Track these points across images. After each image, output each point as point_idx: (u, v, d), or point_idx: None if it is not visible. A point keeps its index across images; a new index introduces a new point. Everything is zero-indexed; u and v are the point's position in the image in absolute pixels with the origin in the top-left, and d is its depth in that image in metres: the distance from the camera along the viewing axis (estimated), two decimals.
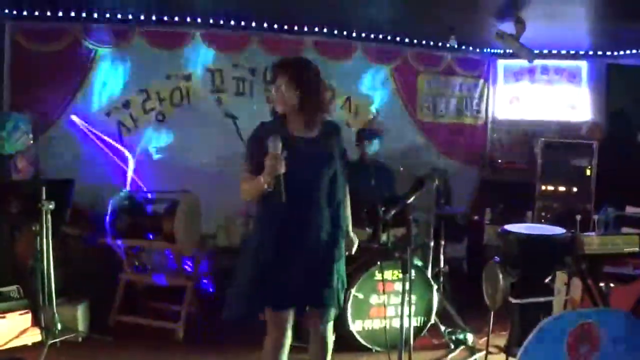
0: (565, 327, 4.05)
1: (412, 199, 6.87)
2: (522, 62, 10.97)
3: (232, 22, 9.60)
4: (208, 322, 7.82)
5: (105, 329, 7.41)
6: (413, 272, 6.19)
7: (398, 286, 6.80)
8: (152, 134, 9.45)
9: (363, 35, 10.44)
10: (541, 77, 11.52)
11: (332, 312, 5.09)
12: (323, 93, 5.18)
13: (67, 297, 7.23)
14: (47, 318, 6.63)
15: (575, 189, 10.15)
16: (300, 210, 4.80)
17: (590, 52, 11.21)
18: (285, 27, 9.88)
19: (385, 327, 6.86)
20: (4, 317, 6.70)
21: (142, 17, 9.16)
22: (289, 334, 4.96)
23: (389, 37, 10.64)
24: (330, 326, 5.19)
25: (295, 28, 9.95)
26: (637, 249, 5.72)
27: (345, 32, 10.28)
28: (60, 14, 8.82)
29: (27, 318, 6.87)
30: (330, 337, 5.24)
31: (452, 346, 7.23)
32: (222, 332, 7.39)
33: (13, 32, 8.73)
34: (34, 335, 6.80)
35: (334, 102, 10.33)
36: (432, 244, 7.79)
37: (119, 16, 9.07)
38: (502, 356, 6.67)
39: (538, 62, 10.95)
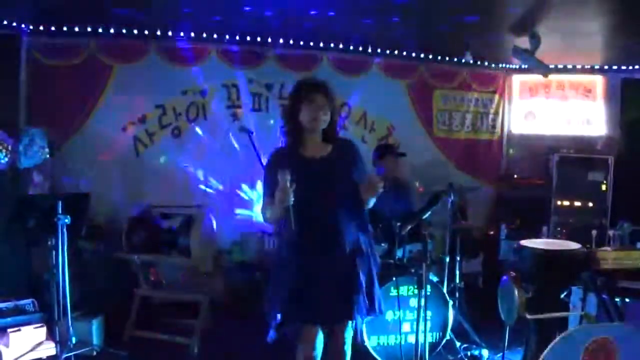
0: (581, 343, 4.04)
1: (427, 214, 6.89)
2: (538, 77, 10.93)
3: (248, 38, 9.63)
4: (223, 338, 7.83)
5: (119, 344, 7.41)
6: (428, 287, 6.19)
7: (414, 302, 6.79)
8: (168, 149, 9.46)
9: (379, 51, 10.45)
10: (556, 92, 11.50)
11: (352, 324, 5.21)
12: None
13: (82, 311, 7.26)
14: (61, 332, 6.63)
15: (590, 204, 10.13)
16: (319, 229, 4.93)
17: (605, 67, 11.18)
18: (301, 42, 9.90)
19: (400, 342, 6.85)
20: (19, 330, 6.72)
21: (158, 33, 9.20)
22: (319, 348, 5.11)
23: (404, 53, 10.65)
24: (349, 341, 5.28)
25: (311, 44, 9.96)
26: None
27: (361, 48, 10.30)
28: (77, 29, 8.87)
29: (42, 331, 6.89)
30: (349, 352, 5.31)
31: None
32: (237, 348, 7.40)
33: (29, 48, 8.77)
34: (49, 349, 6.81)
35: (348, 117, 10.37)
36: (447, 259, 7.78)
37: (135, 32, 9.11)
38: None
39: (553, 77, 10.93)
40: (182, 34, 9.32)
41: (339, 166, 5.05)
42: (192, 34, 9.37)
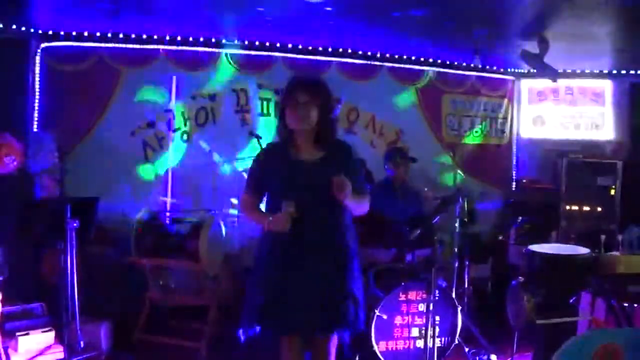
0: (590, 348, 4.02)
1: (436, 219, 6.88)
2: (546, 82, 10.93)
3: (257, 43, 9.65)
4: (231, 342, 7.83)
5: (128, 348, 7.43)
6: (437, 292, 6.18)
7: (422, 307, 6.78)
8: (176, 154, 9.47)
9: (388, 55, 10.45)
10: (565, 97, 11.49)
11: (336, 336, 5.03)
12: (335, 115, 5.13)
13: (90, 315, 7.25)
14: (70, 335, 6.64)
15: (599, 209, 10.11)
16: (305, 233, 4.76)
17: (614, 72, 11.16)
18: (310, 47, 9.91)
19: (409, 347, 6.84)
20: (27, 334, 6.73)
21: (167, 38, 9.22)
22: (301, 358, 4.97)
23: (413, 58, 10.66)
24: (333, 350, 5.09)
25: (320, 49, 9.98)
26: None
27: (370, 53, 10.31)
28: (86, 33, 8.90)
29: (51, 335, 6.90)
30: None
31: None
32: (245, 352, 7.40)
33: (39, 52, 8.80)
34: (57, 353, 6.82)
35: (357, 122, 10.39)
36: (456, 264, 7.77)
37: (145, 36, 9.13)
38: None
39: (562, 82, 10.93)
40: (191, 38, 9.34)
41: (329, 171, 4.76)
42: (202, 39, 9.39)
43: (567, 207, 10.25)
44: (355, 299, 4.94)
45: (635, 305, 5.46)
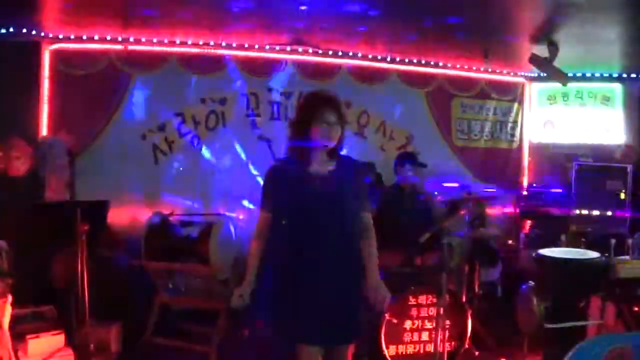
0: (599, 352, 4.02)
1: (446, 223, 6.87)
2: (556, 86, 10.91)
3: (267, 47, 9.65)
4: (241, 346, 7.83)
5: (137, 350, 7.43)
6: (447, 296, 6.17)
7: (432, 311, 6.78)
8: (187, 157, 9.49)
9: (397, 59, 10.45)
10: (575, 100, 11.47)
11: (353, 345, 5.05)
12: None
13: (100, 318, 7.26)
14: (80, 338, 6.65)
15: (609, 213, 10.07)
16: (320, 243, 4.76)
17: (624, 75, 11.15)
18: (320, 51, 9.91)
19: (418, 352, 6.83)
20: (37, 337, 6.73)
21: (177, 41, 9.23)
22: None
23: (423, 62, 10.65)
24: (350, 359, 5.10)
25: (331, 53, 9.97)
26: None
27: (380, 57, 10.30)
28: (97, 37, 8.91)
29: (61, 338, 6.90)
30: None
31: None
32: (254, 355, 7.40)
33: (50, 56, 8.81)
34: (67, 355, 6.82)
35: (367, 125, 10.39)
36: (466, 268, 7.75)
37: (155, 40, 9.15)
38: None
39: (572, 86, 10.90)
40: (201, 42, 9.35)
41: (343, 183, 4.83)
42: (211, 42, 9.40)
43: (577, 211, 10.21)
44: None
45: None
